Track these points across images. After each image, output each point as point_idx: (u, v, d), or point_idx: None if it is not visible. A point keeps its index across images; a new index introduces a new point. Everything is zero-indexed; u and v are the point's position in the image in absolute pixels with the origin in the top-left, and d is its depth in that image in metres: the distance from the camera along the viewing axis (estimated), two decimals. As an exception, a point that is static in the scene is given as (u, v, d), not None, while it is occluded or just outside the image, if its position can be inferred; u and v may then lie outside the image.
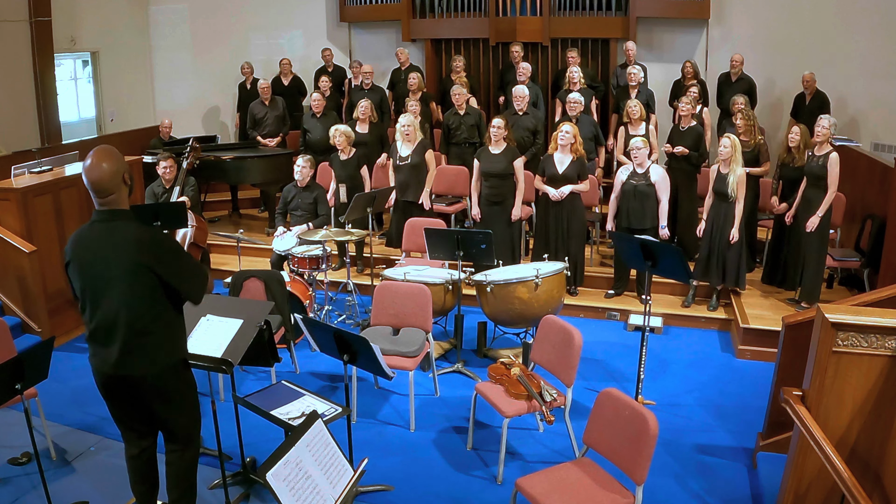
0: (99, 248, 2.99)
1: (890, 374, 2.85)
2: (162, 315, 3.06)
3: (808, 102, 7.90)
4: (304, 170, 6.39)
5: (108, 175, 2.95)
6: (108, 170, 2.95)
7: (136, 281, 2.96)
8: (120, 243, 2.96)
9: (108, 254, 2.97)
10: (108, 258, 2.97)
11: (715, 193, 5.91)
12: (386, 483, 4.02)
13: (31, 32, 8.35)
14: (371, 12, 9.67)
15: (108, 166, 2.95)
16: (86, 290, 3.04)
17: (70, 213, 6.15)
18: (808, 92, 7.93)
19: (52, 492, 3.67)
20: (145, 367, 3.04)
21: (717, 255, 5.93)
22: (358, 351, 3.69)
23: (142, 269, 2.96)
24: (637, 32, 8.62)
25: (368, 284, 6.31)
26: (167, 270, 3.00)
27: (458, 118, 7.45)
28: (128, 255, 2.95)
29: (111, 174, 2.96)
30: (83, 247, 3.03)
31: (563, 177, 6.12)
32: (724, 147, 5.80)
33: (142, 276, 2.97)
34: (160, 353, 3.07)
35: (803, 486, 3.10)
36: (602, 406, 3.39)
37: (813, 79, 7.86)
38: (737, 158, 5.79)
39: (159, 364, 3.07)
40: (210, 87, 10.29)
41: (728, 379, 5.31)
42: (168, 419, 3.23)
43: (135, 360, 3.02)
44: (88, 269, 3.01)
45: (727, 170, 5.80)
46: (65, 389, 5.08)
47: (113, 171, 2.96)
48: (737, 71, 8.09)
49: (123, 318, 2.97)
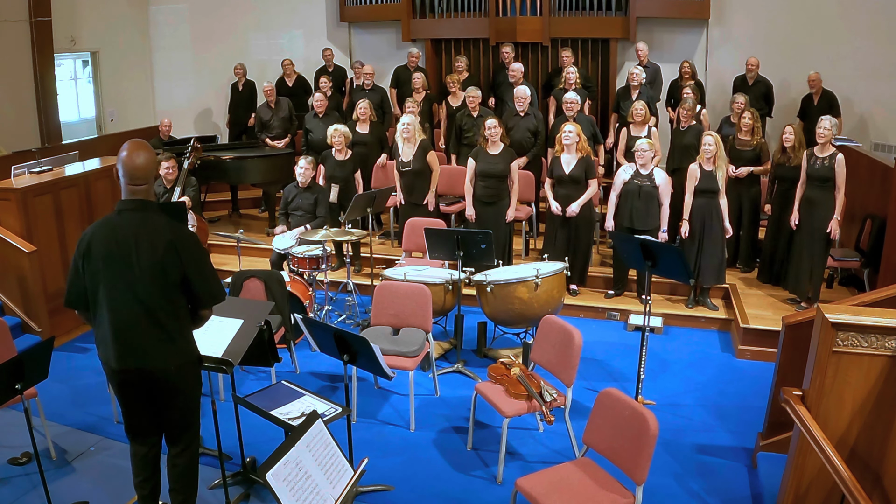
0: (127, 236, 2.95)
1: (890, 374, 2.85)
2: (181, 311, 3.06)
3: (816, 103, 7.84)
4: (306, 171, 6.39)
5: (147, 163, 3.00)
6: (148, 158, 3.01)
7: (164, 273, 2.96)
8: (151, 234, 2.95)
9: (138, 242, 2.94)
10: (138, 246, 2.94)
11: (700, 192, 5.92)
12: (386, 483, 4.02)
13: (31, 32, 8.36)
14: (371, 12, 9.67)
15: (147, 155, 3.02)
16: (102, 278, 2.97)
17: (70, 213, 6.15)
18: (814, 92, 7.89)
19: (52, 492, 3.67)
20: (165, 360, 3.03)
21: (706, 253, 5.95)
22: (358, 351, 3.69)
23: (171, 263, 2.96)
24: (637, 32, 8.62)
25: (368, 284, 6.31)
26: (193, 269, 3.01)
27: (471, 120, 7.41)
28: (159, 247, 2.94)
29: (149, 162, 3.01)
30: (109, 232, 2.98)
31: (570, 178, 6.11)
32: (709, 145, 5.83)
33: (170, 269, 2.96)
34: (179, 349, 3.07)
35: (803, 486, 3.10)
36: (602, 406, 3.38)
37: (819, 79, 7.83)
38: (721, 154, 5.87)
39: (178, 359, 3.07)
40: (210, 87, 10.30)
41: (728, 379, 5.31)
42: (177, 417, 3.22)
43: (156, 354, 3.01)
44: (112, 255, 2.95)
45: (712, 167, 5.84)
46: (65, 389, 5.08)
47: (151, 160, 3.03)
48: (753, 74, 8.08)
49: (146, 310, 2.96)
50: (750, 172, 6.36)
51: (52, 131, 8.67)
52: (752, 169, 6.36)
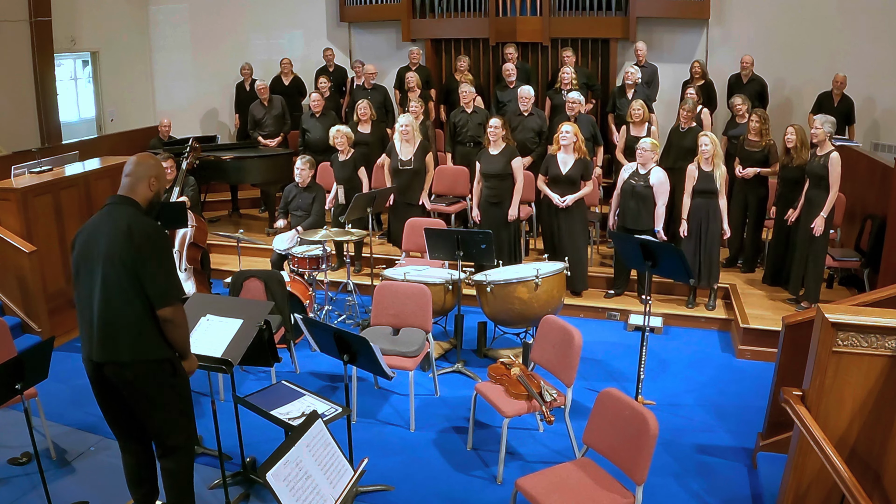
0: (95, 230, 3.04)
1: (890, 374, 2.85)
2: (135, 307, 2.97)
3: (836, 105, 7.73)
4: (304, 171, 6.40)
5: (138, 166, 3.13)
6: (139, 162, 3.15)
7: (114, 267, 2.95)
8: (112, 228, 2.98)
9: (99, 236, 3.00)
10: (98, 240, 2.99)
11: (698, 193, 5.92)
12: (386, 483, 4.02)
13: (31, 32, 8.35)
14: (371, 12, 9.67)
15: (141, 161, 3.16)
16: (77, 271, 3.08)
17: (70, 213, 6.15)
18: (836, 94, 7.76)
19: (52, 492, 3.67)
20: (115, 354, 2.98)
21: (701, 253, 5.95)
22: (358, 351, 3.69)
23: (120, 257, 2.94)
24: (637, 32, 8.62)
25: (368, 284, 6.31)
26: (140, 266, 2.95)
27: (465, 116, 7.44)
28: (113, 241, 2.96)
29: (140, 165, 3.14)
30: (86, 227, 3.10)
31: (566, 178, 6.11)
32: (706, 146, 5.83)
33: (119, 263, 2.95)
34: (131, 345, 2.99)
35: (803, 486, 3.10)
36: (602, 406, 3.38)
37: (844, 82, 7.68)
38: (718, 154, 5.87)
39: (130, 355, 2.99)
40: (210, 87, 10.29)
41: (728, 379, 5.31)
42: (147, 421, 3.16)
43: (107, 348, 2.98)
44: (82, 249, 3.06)
45: (711, 167, 5.84)
46: (65, 389, 5.08)
47: (144, 165, 3.15)
48: (747, 72, 8.06)
49: (98, 303, 2.96)
50: (757, 174, 6.36)
51: (52, 131, 8.66)
52: (759, 170, 6.35)
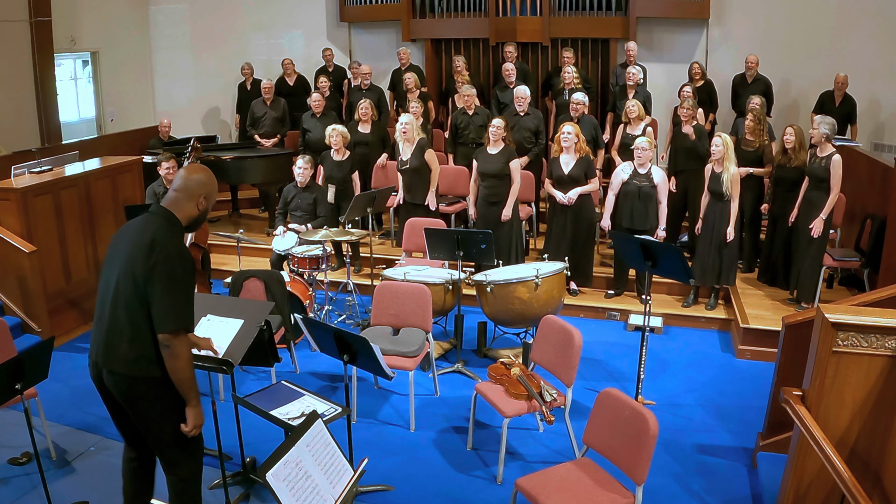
0: (125, 235, 3.02)
1: (890, 374, 2.85)
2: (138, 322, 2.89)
3: (837, 105, 7.71)
4: (305, 171, 6.39)
5: (189, 181, 3.02)
6: (190, 178, 3.03)
7: (127, 277, 2.90)
8: (138, 238, 2.92)
9: (126, 243, 2.96)
10: (123, 247, 2.96)
11: (711, 193, 5.93)
12: (386, 483, 4.02)
13: (31, 32, 8.36)
14: (371, 12, 9.67)
15: (192, 176, 3.04)
16: (102, 270, 3.09)
17: (70, 213, 6.15)
18: (837, 94, 7.75)
19: (52, 492, 3.67)
20: (110, 361, 2.94)
21: (712, 255, 5.94)
22: (358, 351, 3.69)
23: (135, 269, 2.88)
24: (637, 32, 8.62)
25: (368, 284, 6.31)
26: (150, 284, 2.85)
27: (466, 118, 7.44)
28: (134, 251, 2.91)
29: (192, 181, 3.02)
30: (122, 229, 3.10)
31: (569, 178, 6.12)
32: (717, 146, 5.81)
33: (133, 275, 2.89)
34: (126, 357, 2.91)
35: (803, 486, 3.10)
36: (602, 406, 3.38)
37: (846, 82, 7.67)
38: (730, 157, 5.83)
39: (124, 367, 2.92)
40: (210, 87, 10.30)
41: (728, 379, 5.31)
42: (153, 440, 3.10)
43: (107, 355, 2.95)
44: (110, 250, 3.05)
45: (720, 168, 5.83)
46: (65, 389, 5.08)
47: (196, 182, 3.02)
48: (752, 73, 8.06)
49: (108, 308, 2.94)
50: (749, 174, 6.35)
51: (52, 131, 8.67)
52: (751, 170, 6.35)
